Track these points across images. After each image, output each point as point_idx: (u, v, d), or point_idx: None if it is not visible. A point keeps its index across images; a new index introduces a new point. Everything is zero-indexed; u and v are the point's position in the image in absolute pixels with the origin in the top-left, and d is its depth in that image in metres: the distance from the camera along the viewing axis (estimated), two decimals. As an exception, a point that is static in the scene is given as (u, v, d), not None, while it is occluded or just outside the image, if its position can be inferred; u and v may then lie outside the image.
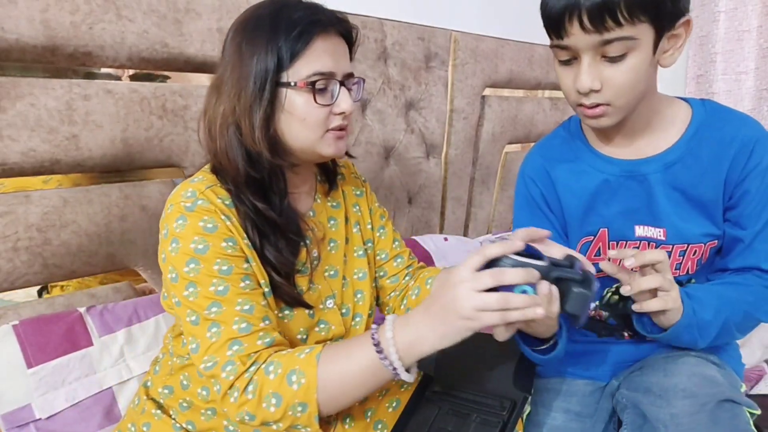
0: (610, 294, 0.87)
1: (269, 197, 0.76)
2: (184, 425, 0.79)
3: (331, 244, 0.86)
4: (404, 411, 0.77)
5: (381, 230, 0.96)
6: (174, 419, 0.80)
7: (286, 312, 0.77)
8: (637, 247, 0.83)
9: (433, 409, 0.76)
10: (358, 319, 0.86)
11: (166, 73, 1.39)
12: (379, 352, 0.63)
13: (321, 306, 0.82)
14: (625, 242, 0.83)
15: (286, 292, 0.75)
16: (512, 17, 2.11)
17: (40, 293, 1.26)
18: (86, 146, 1.05)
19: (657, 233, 0.80)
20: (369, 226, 0.94)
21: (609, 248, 0.84)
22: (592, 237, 0.85)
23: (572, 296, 0.61)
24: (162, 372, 0.84)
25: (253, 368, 0.65)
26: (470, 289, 0.58)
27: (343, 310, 0.84)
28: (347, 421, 0.84)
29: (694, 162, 0.78)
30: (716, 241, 0.81)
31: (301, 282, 0.79)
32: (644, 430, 0.73)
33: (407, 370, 0.65)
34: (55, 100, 1.01)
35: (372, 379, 0.65)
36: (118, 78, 1.34)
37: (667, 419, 0.69)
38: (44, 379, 0.95)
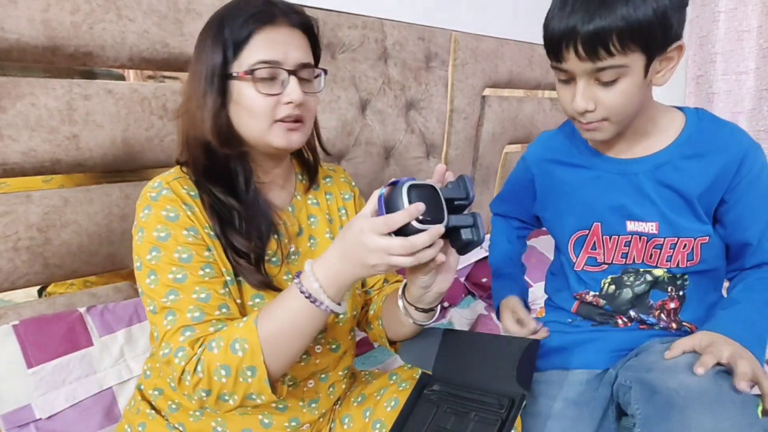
0: (607, 284, 0.92)
1: (233, 186, 0.77)
2: (176, 426, 0.80)
3: (311, 241, 0.87)
4: (402, 410, 0.77)
5: None
6: (167, 419, 0.81)
7: (257, 300, 0.77)
8: (629, 243, 0.87)
9: (432, 407, 0.76)
10: (341, 317, 0.86)
11: (176, 74, 1.38)
12: (314, 301, 0.65)
13: None
14: (617, 236, 0.88)
15: (253, 277, 0.75)
16: (512, 17, 2.11)
17: (40, 293, 1.26)
18: (87, 146, 1.06)
19: (649, 227, 0.85)
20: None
21: (603, 242, 0.90)
22: (587, 231, 0.90)
23: (463, 241, 0.69)
24: (152, 375, 0.84)
25: (200, 350, 0.67)
26: (384, 255, 0.61)
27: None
28: (346, 420, 0.85)
29: (683, 163, 0.83)
30: (707, 238, 0.84)
31: (273, 271, 0.79)
32: (654, 401, 0.74)
33: (340, 304, 0.68)
34: (56, 100, 1.01)
35: (313, 324, 0.67)
36: (122, 78, 1.34)
37: (677, 386, 0.71)
38: (44, 379, 0.95)
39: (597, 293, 0.93)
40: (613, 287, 0.91)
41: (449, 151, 1.93)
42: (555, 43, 0.75)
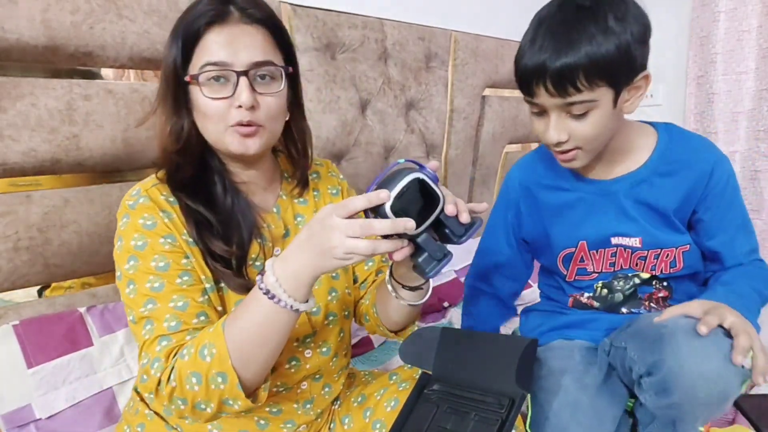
0: (599, 288, 0.96)
1: (208, 191, 0.75)
2: (174, 427, 0.80)
3: None
4: (402, 409, 0.76)
5: None
6: (165, 420, 0.81)
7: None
8: (615, 254, 0.92)
9: (432, 407, 0.76)
10: (331, 318, 0.84)
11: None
12: (272, 297, 0.62)
13: None
14: (604, 250, 0.92)
15: (234, 281, 0.73)
16: (512, 17, 2.11)
17: (39, 293, 1.26)
18: (87, 146, 1.06)
19: (633, 242, 0.89)
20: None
21: (590, 256, 0.94)
22: (573, 249, 0.94)
23: (418, 263, 0.66)
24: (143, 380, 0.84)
25: (173, 359, 0.66)
26: (342, 236, 0.58)
27: (313, 309, 0.81)
28: (346, 421, 0.85)
29: (658, 181, 0.87)
30: (688, 246, 0.89)
31: (253, 274, 0.77)
32: (646, 340, 0.78)
33: (306, 301, 0.64)
34: (56, 100, 1.01)
35: (277, 325, 0.64)
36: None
37: (667, 322, 0.76)
38: (44, 379, 0.95)
39: (591, 295, 0.97)
40: (605, 291, 0.95)
41: (449, 151, 1.93)
42: (526, 80, 0.78)
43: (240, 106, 0.69)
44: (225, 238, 0.73)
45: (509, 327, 1.32)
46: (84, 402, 0.97)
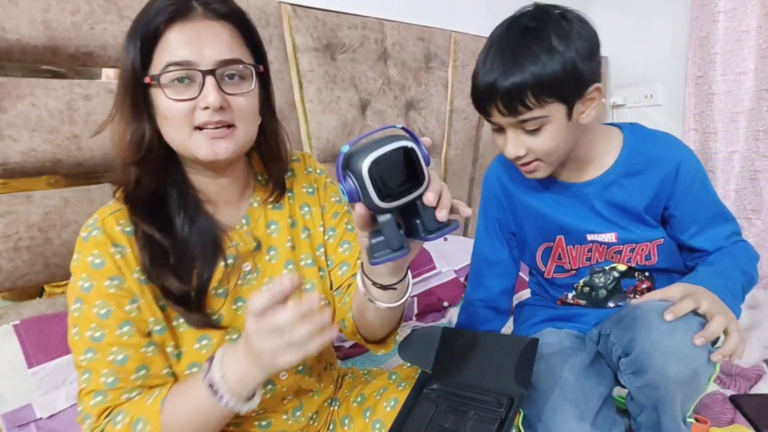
0: (581, 286, 0.98)
1: (166, 214, 0.69)
2: None
3: (271, 253, 0.78)
4: (402, 408, 0.76)
5: (331, 231, 0.84)
6: None
7: (204, 342, 0.71)
8: (591, 249, 0.94)
9: (431, 406, 0.76)
10: None
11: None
12: (215, 392, 0.59)
13: None
14: (580, 246, 0.94)
15: (192, 318, 0.69)
16: (512, 18, 2.11)
17: (40, 294, 1.26)
18: (87, 146, 1.06)
19: (608, 237, 0.91)
20: (321, 229, 0.84)
21: (567, 252, 0.96)
22: (551, 243, 0.97)
23: (376, 244, 0.58)
24: None
25: (105, 420, 0.64)
26: (262, 338, 0.55)
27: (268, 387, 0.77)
28: (346, 422, 0.84)
29: (626, 181, 0.89)
30: (662, 240, 0.91)
31: (217, 305, 0.72)
32: (623, 322, 0.82)
33: (249, 399, 0.61)
34: (56, 100, 1.02)
35: (215, 418, 0.62)
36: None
37: (641, 305, 0.81)
38: (45, 379, 0.95)
39: (575, 294, 0.99)
40: (587, 288, 0.97)
41: (449, 151, 1.93)
42: (479, 101, 0.81)
43: (207, 108, 0.64)
44: (182, 272, 0.68)
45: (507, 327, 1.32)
46: (84, 402, 0.97)
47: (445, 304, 1.59)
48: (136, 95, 0.65)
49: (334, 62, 1.51)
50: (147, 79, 0.64)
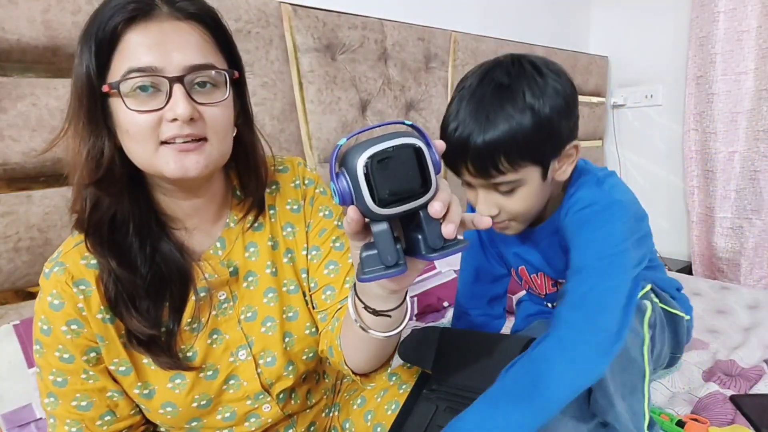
0: (554, 305, 0.98)
1: (129, 248, 0.61)
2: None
3: (249, 279, 0.71)
4: (402, 409, 0.76)
5: (314, 251, 0.75)
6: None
7: (178, 381, 0.66)
8: (555, 284, 0.94)
9: (431, 406, 0.76)
10: (290, 368, 0.73)
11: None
12: None
13: (231, 359, 0.69)
14: (544, 275, 0.94)
15: (160, 360, 0.64)
16: (512, 18, 2.11)
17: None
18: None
19: (559, 279, 0.92)
20: (304, 252, 0.75)
21: (531, 279, 0.96)
22: (515, 271, 0.99)
23: (366, 258, 0.47)
24: None
25: None
26: None
27: (267, 359, 0.71)
28: (347, 426, 0.83)
29: (565, 227, 0.82)
30: None
31: (189, 340, 0.67)
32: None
33: None
34: (57, 100, 1.01)
35: None
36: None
37: None
38: (45, 379, 0.95)
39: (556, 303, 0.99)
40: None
41: (449, 152, 1.93)
42: (451, 161, 0.76)
43: (175, 120, 0.56)
44: (147, 312, 0.62)
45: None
46: (84, 402, 0.97)
47: (445, 304, 1.59)
48: (93, 106, 0.57)
49: (335, 62, 1.51)
50: (105, 88, 0.55)
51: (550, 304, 1.02)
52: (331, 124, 1.51)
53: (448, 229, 0.46)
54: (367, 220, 0.46)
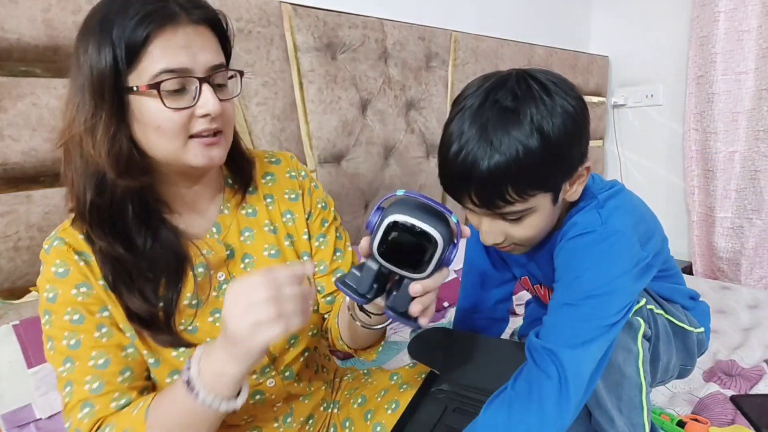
0: None
1: (127, 230, 0.65)
2: None
3: (246, 261, 0.75)
4: (409, 404, 0.76)
5: (321, 239, 0.82)
6: None
7: (182, 350, 0.68)
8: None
9: (440, 406, 0.76)
10: (293, 341, 0.77)
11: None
12: (191, 390, 0.56)
13: None
14: (548, 288, 0.91)
15: (159, 338, 0.66)
16: (512, 18, 2.11)
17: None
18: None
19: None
20: (306, 237, 0.80)
21: (535, 289, 0.94)
22: (518, 280, 0.97)
23: (349, 278, 0.58)
24: None
25: None
26: (242, 312, 0.52)
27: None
28: (347, 425, 0.83)
29: (556, 254, 0.77)
30: None
31: (187, 316, 0.69)
32: None
33: (234, 397, 0.58)
34: (57, 99, 1.01)
35: (199, 419, 0.59)
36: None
37: None
38: (45, 379, 0.94)
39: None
40: None
41: (449, 151, 1.93)
42: (452, 192, 0.70)
43: (206, 115, 0.62)
44: (146, 290, 0.65)
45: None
46: (84, 402, 0.97)
47: (445, 304, 1.59)
48: (115, 102, 0.60)
49: (335, 62, 1.51)
50: (143, 87, 0.59)
51: None
52: (332, 123, 1.50)
53: (415, 308, 0.56)
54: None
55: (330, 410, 0.88)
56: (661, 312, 0.87)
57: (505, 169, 0.64)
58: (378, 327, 0.69)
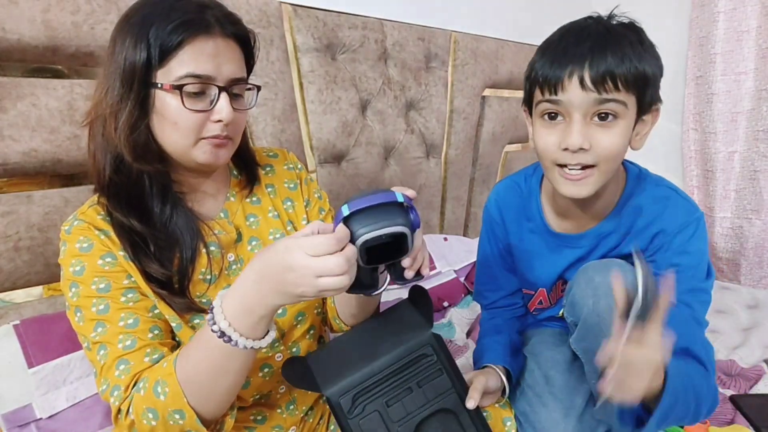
0: (560, 315, 0.99)
1: (144, 206, 0.70)
2: None
3: (253, 243, 0.80)
4: None
5: None
6: None
7: (197, 321, 0.72)
8: (565, 283, 0.93)
9: (373, 416, 0.69)
10: (300, 318, 0.82)
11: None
12: (227, 341, 0.59)
13: None
14: (557, 286, 0.96)
15: (175, 302, 0.70)
16: (512, 18, 2.11)
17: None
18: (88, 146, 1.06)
19: None
20: (305, 222, 0.87)
21: (548, 298, 0.97)
22: (533, 292, 0.99)
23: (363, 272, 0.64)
24: None
25: (132, 391, 0.64)
26: (313, 277, 0.54)
27: (278, 311, 0.76)
28: (332, 429, 0.85)
29: (621, 230, 0.86)
30: None
31: (201, 288, 0.73)
32: (575, 278, 0.81)
33: (263, 337, 0.61)
34: (57, 100, 1.02)
35: (234, 364, 0.61)
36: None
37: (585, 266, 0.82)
38: (45, 379, 0.95)
39: (559, 314, 1.00)
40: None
41: (449, 151, 1.93)
42: (556, 73, 0.73)
43: (219, 121, 0.68)
44: (163, 258, 0.70)
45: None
46: (84, 401, 0.97)
47: (446, 304, 1.59)
48: (143, 94, 0.66)
49: (335, 62, 1.51)
50: (167, 86, 0.65)
51: (559, 315, 1.01)
52: (332, 123, 1.51)
53: (409, 273, 0.65)
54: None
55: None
56: None
57: (623, 58, 0.71)
58: (376, 293, 0.73)
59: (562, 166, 0.77)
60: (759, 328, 1.35)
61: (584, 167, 0.75)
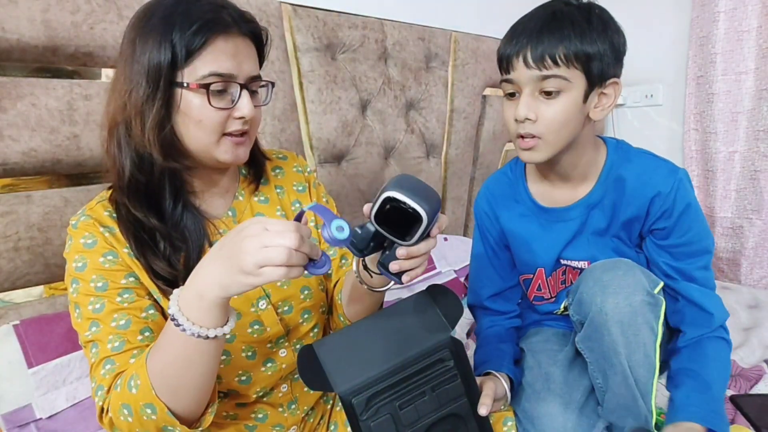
0: (563, 308, 1.00)
1: (159, 203, 0.72)
2: None
3: None
4: None
5: None
6: None
7: None
8: (564, 272, 0.97)
9: (386, 419, 0.68)
10: (306, 316, 0.83)
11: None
12: (177, 326, 0.58)
13: (252, 309, 0.78)
14: (555, 272, 0.98)
15: None
16: (512, 18, 2.11)
17: None
18: (87, 146, 1.06)
19: (582, 264, 0.94)
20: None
21: (547, 283, 1.00)
22: (531, 275, 1.01)
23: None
24: None
25: (113, 389, 0.64)
26: (256, 243, 0.53)
27: (285, 308, 0.81)
28: (332, 429, 0.85)
29: (609, 204, 0.90)
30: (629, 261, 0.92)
31: None
32: (582, 277, 0.85)
33: (221, 325, 0.59)
34: (56, 100, 1.01)
35: (194, 354, 0.60)
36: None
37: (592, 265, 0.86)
38: (45, 379, 0.95)
39: (560, 310, 1.02)
40: (567, 312, 0.97)
41: (449, 151, 1.93)
42: (507, 55, 0.83)
43: (241, 117, 0.70)
44: (170, 256, 0.71)
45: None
46: (84, 402, 0.97)
47: (445, 304, 1.59)
48: (167, 93, 0.67)
49: (335, 62, 1.51)
50: (193, 84, 0.67)
51: (559, 311, 1.02)
52: (332, 123, 1.50)
53: (394, 267, 0.64)
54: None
55: (330, 405, 0.90)
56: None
57: (561, 36, 0.78)
58: (380, 289, 0.75)
59: (520, 137, 0.85)
60: (759, 328, 1.35)
61: (534, 136, 0.83)
